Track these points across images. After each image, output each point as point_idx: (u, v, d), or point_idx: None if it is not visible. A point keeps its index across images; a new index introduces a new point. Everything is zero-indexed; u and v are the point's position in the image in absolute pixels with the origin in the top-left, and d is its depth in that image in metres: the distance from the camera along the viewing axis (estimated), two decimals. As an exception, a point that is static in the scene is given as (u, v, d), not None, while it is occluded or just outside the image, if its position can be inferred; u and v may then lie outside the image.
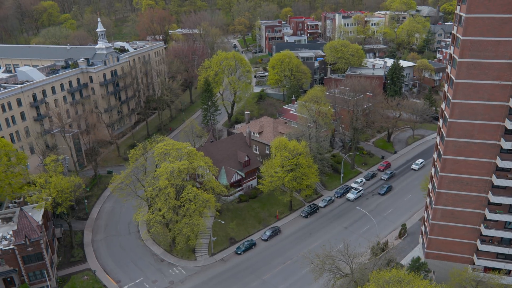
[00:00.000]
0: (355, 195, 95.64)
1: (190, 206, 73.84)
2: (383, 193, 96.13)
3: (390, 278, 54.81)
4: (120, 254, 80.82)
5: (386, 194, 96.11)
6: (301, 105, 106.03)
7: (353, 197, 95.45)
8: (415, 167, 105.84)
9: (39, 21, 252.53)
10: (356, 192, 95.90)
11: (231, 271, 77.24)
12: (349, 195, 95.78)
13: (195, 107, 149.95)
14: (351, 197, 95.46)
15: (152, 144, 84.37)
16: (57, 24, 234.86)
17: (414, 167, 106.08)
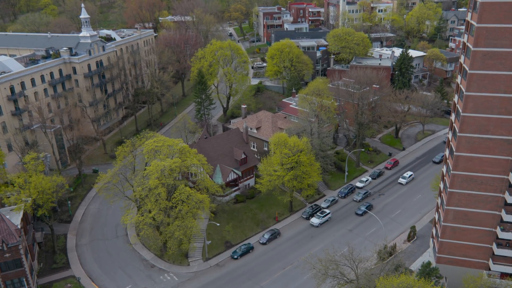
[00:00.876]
0: (320, 220, 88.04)
1: (183, 208, 73.61)
2: (361, 213, 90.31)
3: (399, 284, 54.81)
4: (106, 259, 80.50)
5: (364, 215, 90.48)
6: (302, 98, 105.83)
7: (318, 222, 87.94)
8: (403, 181, 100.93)
9: (16, 7, 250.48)
10: (322, 217, 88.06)
11: (227, 277, 77.11)
12: (314, 220, 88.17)
13: (187, 100, 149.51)
14: (316, 223, 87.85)
15: (141, 140, 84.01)
16: (37, 10, 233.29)
17: (401, 181, 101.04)
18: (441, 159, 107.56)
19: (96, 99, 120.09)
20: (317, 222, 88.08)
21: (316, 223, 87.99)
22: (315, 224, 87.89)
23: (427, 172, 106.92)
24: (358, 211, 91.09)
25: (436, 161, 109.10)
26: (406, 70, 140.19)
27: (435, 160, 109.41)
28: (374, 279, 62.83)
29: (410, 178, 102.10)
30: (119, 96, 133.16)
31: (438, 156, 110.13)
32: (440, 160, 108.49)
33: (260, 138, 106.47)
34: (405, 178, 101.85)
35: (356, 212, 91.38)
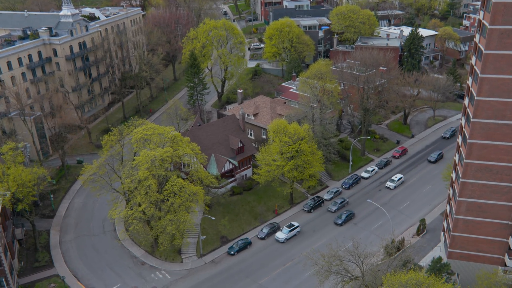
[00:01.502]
0: (287, 235, 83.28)
1: (175, 200, 73.60)
2: (340, 223, 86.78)
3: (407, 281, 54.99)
4: (93, 257, 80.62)
5: (345, 224, 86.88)
6: (303, 82, 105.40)
7: (284, 237, 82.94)
8: (391, 185, 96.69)
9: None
10: (288, 231, 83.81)
11: (223, 274, 77.39)
12: (279, 235, 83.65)
13: (179, 85, 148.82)
14: (281, 238, 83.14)
15: (130, 128, 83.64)
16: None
17: (389, 185, 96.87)
18: (438, 158, 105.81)
19: (80, 84, 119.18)
20: (283, 237, 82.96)
21: (281, 238, 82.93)
22: (280, 239, 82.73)
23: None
24: (338, 221, 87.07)
25: (432, 160, 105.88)
26: (415, 51, 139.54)
27: (431, 159, 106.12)
28: (380, 276, 63.09)
29: (400, 182, 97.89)
30: (104, 80, 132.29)
31: (434, 154, 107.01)
32: (436, 159, 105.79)
33: (258, 125, 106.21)
34: (393, 182, 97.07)
35: (335, 222, 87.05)
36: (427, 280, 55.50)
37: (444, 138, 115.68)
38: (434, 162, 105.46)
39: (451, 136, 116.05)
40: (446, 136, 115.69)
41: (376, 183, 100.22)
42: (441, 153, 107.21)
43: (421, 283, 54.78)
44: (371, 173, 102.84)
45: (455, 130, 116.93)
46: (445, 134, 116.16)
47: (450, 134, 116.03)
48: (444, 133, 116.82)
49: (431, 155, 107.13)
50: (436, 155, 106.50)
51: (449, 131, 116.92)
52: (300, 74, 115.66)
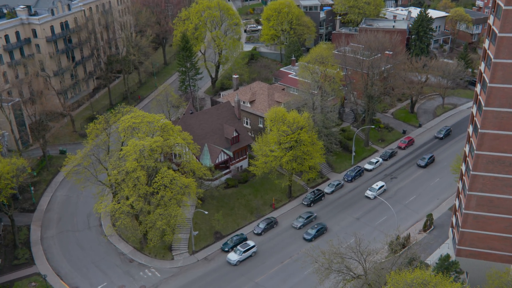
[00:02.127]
0: (240, 256, 77.85)
1: (165, 194, 73.56)
2: (309, 238, 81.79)
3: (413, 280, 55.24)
4: (77, 254, 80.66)
5: (314, 240, 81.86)
6: (303, 67, 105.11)
7: (236, 259, 77.70)
8: (370, 194, 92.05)
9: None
10: (242, 251, 78.03)
11: (217, 272, 77.64)
12: (231, 256, 78.24)
13: (170, 69, 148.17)
14: (233, 260, 77.75)
15: (117, 116, 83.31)
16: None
17: (368, 194, 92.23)
18: (428, 162, 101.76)
19: (62, 68, 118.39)
20: (235, 259, 77.87)
21: (233, 260, 77.78)
22: (232, 261, 77.83)
23: (447, 152, 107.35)
24: (307, 236, 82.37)
25: (421, 165, 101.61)
26: (424, 34, 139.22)
27: (420, 163, 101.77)
28: (384, 274, 63.40)
29: (381, 190, 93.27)
30: (89, 64, 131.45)
31: (425, 157, 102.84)
32: (427, 163, 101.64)
33: (255, 113, 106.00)
34: (373, 191, 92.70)
35: (304, 237, 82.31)
36: (434, 279, 55.74)
37: (438, 138, 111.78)
38: (424, 166, 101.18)
39: (446, 136, 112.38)
40: (439, 136, 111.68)
41: (381, 176, 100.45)
42: (432, 156, 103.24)
43: (428, 282, 55.02)
44: (375, 165, 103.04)
45: (450, 130, 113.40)
46: (439, 134, 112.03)
47: (444, 134, 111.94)
48: (438, 132, 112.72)
49: (421, 158, 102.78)
50: (427, 158, 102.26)
51: (443, 130, 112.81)
52: (300, 59, 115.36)
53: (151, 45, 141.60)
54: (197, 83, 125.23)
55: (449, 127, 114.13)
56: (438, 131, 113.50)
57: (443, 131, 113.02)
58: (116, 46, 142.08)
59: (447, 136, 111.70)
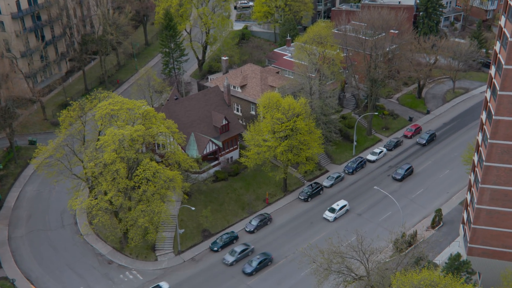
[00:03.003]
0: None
1: (148, 188, 73.48)
2: (250, 272, 77.14)
3: (420, 281, 55.72)
4: (50, 255, 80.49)
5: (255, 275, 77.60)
6: (299, 47, 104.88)
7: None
8: (330, 217, 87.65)
9: None
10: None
11: (205, 274, 77.88)
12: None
13: (152, 51, 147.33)
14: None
15: (93, 102, 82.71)
16: None
17: (327, 216, 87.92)
18: (406, 174, 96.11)
19: (30, 49, 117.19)
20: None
21: (229, 261, 79.02)
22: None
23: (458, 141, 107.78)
24: (247, 269, 77.60)
25: (397, 178, 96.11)
26: (433, 11, 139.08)
27: (396, 176, 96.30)
28: (389, 275, 63.89)
29: (343, 211, 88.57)
30: (61, 44, 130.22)
31: (401, 170, 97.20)
32: (403, 176, 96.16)
33: (246, 99, 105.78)
34: (333, 212, 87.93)
35: (243, 271, 77.86)
36: (443, 280, 56.26)
37: (420, 145, 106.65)
38: (400, 180, 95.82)
39: (429, 141, 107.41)
40: (422, 142, 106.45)
41: (385, 167, 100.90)
42: (411, 167, 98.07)
43: (436, 283, 55.52)
44: (379, 156, 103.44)
45: (434, 135, 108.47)
46: (421, 140, 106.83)
47: (427, 139, 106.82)
48: (420, 138, 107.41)
49: (397, 171, 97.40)
50: (404, 170, 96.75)
51: (426, 135, 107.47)
52: (296, 39, 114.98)
53: (131, 23, 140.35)
54: (182, 66, 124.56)
55: (433, 131, 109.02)
56: (420, 137, 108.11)
57: (426, 136, 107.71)
58: (91, 24, 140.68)
59: (430, 142, 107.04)
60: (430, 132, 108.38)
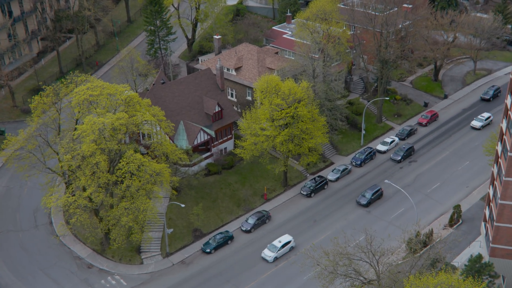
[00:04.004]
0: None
1: (132, 183, 73.53)
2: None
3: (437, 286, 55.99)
4: (21, 259, 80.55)
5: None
6: (301, 25, 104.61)
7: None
8: (269, 257, 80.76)
9: None
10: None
11: (197, 279, 78.20)
12: None
13: (135, 29, 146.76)
14: None
15: (69, 87, 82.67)
16: None
17: (266, 256, 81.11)
18: (372, 199, 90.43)
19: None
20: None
21: (270, 257, 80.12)
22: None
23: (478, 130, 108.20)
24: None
25: (362, 203, 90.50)
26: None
27: (362, 201, 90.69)
28: (401, 279, 64.16)
29: (286, 249, 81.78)
30: (31, 21, 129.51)
31: (367, 194, 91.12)
32: (369, 201, 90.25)
33: (241, 83, 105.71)
34: (274, 250, 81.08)
35: None
36: (462, 284, 56.56)
37: (395, 161, 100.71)
38: (366, 205, 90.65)
39: (405, 157, 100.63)
40: (396, 158, 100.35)
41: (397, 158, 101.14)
42: (380, 189, 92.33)
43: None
44: (390, 146, 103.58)
45: (412, 149, 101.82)
46: (396, 156, 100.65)
47: (402, 156, 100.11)
48: (395, 153, 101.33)
49: (364, 194, 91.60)
50: (371, 193, 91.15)
51: (402, 150, 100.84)
52: (297, 15, 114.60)
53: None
54: (170, 46, 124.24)
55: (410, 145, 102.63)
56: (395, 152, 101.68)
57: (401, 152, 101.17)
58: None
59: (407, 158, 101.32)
60: (407, 146, 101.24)
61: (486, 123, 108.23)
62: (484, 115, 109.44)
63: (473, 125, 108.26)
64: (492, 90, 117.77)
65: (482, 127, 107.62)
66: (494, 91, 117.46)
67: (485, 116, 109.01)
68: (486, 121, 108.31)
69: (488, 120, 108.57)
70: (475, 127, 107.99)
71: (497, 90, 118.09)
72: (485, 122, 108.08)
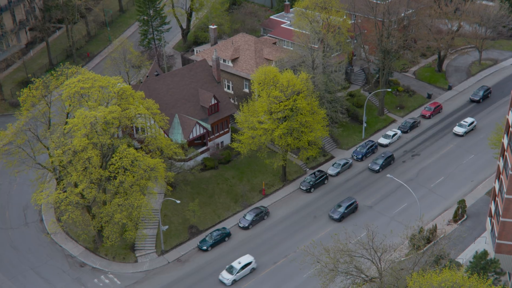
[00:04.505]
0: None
1: (125, 179, 73.63)
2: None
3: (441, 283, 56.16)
4: (11, 257, 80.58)
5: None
6: (300, 14, 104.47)
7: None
8: (227, 281, 76.77)
9: None
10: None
11: (193, 277, 78.38)
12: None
13: (127, 18, 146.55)
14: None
15: (59, 79, 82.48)
16: None
17: (224, 279, 77.08)
18: (346, 212, 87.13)
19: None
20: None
21: (228, 280, 76.66)
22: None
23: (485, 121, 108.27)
24: None
25: (335, 218, 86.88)
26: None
27: (334, 215, 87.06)
28: (404, 276, 64.35)
29: (247, 270, 77.98)
30: (19, 10, 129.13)
31: (338, 212, 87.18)
32: (342, 216, 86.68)
33: (238, 75, 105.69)
34: (231, 273, 77.14)
35: None
36: (467, 281, 56.67)
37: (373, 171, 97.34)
38: (339, 220, 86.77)
39: (384, 166, 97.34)
40: (375, 168, 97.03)
41: (399, 152, 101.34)
42: (354, 202, 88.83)
43: (460, 285, 55.95)
44: (392, 139, 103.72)
45: (391, 157, 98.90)
46: (374, 166, 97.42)
47: (381, 165, 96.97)
48: (373, 163, 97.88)
49: (337, 208, 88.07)
50: (344, 207, 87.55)
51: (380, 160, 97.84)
52: (296, 3, 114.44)
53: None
54: (164, 36, 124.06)
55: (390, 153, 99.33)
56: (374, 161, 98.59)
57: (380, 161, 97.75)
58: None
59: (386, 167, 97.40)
60: (386, 155, 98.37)
61: (470, 129, 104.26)
62: (467, 120, 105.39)
63: (455, 132, 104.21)
64: (482, 90, 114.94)
65: (465, 133, 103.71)
66: (484, 91, 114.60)
67: (468, 121, 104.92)
68: (470, 126, 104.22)
69: (471, 126, 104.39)
70: (458, 134, 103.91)
71: (487, 90, 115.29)
72: (468, 128, 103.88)
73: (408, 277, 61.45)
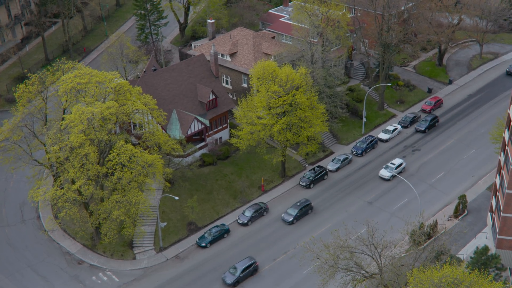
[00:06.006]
0: None
1: (123, 175, 73.66)
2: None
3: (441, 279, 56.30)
4: (8, 255, 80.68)
5: None
6: (299, 8, 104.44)
7: None
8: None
9: None
10: None
11: (192, 274, 78.57)
12: None
13: (124, 13, 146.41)
14: None
15: (56, 75, 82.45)
16: None
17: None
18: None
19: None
20: None
21: None
22: None
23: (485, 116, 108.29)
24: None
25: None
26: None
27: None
28: (405, 272, 64.55)
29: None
30: (14, 5, 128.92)
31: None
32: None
33: (237, 70, 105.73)
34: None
35: None
36: (468, 277, 56.80)
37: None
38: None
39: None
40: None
41: (399, 147, 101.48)
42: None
43: (460, 281, 56.07)
44: (392, 134, 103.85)
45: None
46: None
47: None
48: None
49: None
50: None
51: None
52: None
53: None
54: (161, 31, 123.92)
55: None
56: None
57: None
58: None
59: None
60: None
61: (398, 171, 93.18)
62: (395, 162, 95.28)
63: (381, 175, 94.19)
64: (429, 119, 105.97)
65: (392, 177, 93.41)
66: (431, 120, 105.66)
67: (396, 163, 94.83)
68: (397, 169, 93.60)
69: (399, 168, 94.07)
70: (384, 178, 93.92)
71: (434, 119, 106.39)
72: (395, 171, 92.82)
73: (408, 273, 61.62)
